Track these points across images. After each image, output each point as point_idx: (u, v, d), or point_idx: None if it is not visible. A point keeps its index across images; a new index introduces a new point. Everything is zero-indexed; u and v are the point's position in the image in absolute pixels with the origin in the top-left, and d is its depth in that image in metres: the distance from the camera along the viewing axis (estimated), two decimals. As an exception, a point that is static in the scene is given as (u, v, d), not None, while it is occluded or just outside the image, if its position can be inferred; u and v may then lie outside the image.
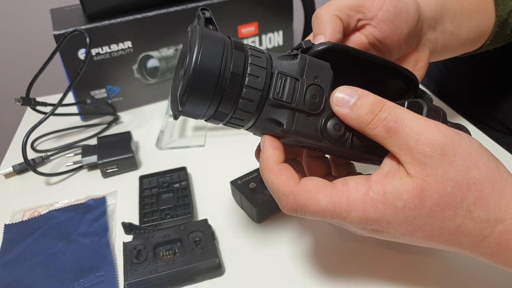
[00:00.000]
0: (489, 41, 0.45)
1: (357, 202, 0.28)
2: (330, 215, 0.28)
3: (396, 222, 0.28)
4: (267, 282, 0.38)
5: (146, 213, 0.45)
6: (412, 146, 0.27)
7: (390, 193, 0.27)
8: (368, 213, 0.28)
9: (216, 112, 0.28)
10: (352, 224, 0.29)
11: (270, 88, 0.28)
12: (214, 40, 0.27)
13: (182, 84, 0.26)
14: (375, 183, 0.28)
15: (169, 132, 0.60)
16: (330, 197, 0.28)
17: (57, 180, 0.53)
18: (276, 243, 0.42)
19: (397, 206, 0.27)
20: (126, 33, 0.60)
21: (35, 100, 0.55)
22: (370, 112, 0.28)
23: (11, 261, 0.41)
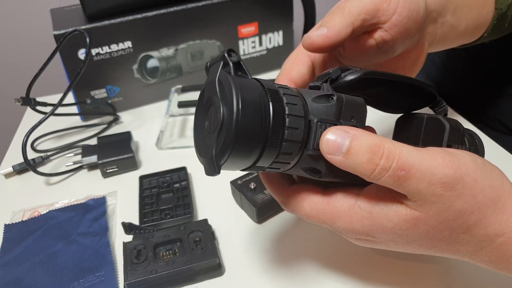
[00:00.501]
0: (486, 33, 0.44)
1: (342, 213, 0.28)
2: (316, 221, 0.29)
3: (387, 236, 0.28)
4: (267, 282, 0.38)
5: (146, 213, 0.45)
6: (424, 190, 0.25)
7: (377, 214, 0.27)
8: (355, 225, 0.28)
9: (253, 167, 0.26)
10: (341, 233, 0.29)
11: (309, 137, 0.26)
12: (251, 93, 0.24)
13: (219, 145, 0.24)
14: (363, 199, 0.27)
15: (169, 132, 0.60)
16: (314, 204, 0.29)
17: (57, 180, 0.53)
18: (276, 243, 0.42)
19: (385, 226, 0.27)
20: (126, 33, 0.60)
21: (35, 100, 0.55)
22: (369, 161, 0.25)
23: (11, 261, 0.41)
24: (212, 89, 0.25)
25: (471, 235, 0.27)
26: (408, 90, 0.33)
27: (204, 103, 0.27)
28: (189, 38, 0.65)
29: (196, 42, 0.66)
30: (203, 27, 0.65)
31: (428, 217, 0.26)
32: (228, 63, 0.25)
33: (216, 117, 0.25)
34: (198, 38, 0.66)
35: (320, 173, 0.27)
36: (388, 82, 0.31)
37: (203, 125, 0.27)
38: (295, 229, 0.43)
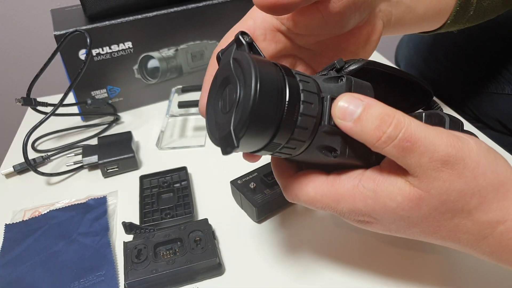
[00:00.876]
0: (449, 20, 0.43)
1: (346, 194, 0.28)
2: (320, 205, 0.29)
3: (389, 218, 0.27)
4: (267, 282, 0.38)
5: (146, 212, 0.45)
6: (425, 165, 0.25)
7: (381, 193, 0.27)
8: (358, 206, 0.28)
9: (269, 144, 0.26)
10: (343, 215, 0.29)
11: (323, 113, 0.26)
12: (267, 69, 0.25)
13: (237, 118, 0.24)
14: (367, 179, 0.27)
15: (169, 132, 0.61)
16: (318, 188, 0.28)
17: (57, 180, 0.53)
18: (276, 243, 0.42)
19: (388, 205, 0.27)
20: (126, 34, 0.61)
21: (36, 100, 0.55)
22: (377, 128, 0.25)
23: (12, 260, 0.41)
24: (228, 69, 0.26)
25: (472, 222, 0.27)
26: (406, 87, 0.33)
27: (218, 86, 0.27)
28: (190, 38, 0.65)
29: (196, 43, 0.66)
30: (204, 27, 0.65)
31: (430, 197, 0.26)
32: (242, 44, 0.26)
33: (232, 95, 0.25)
34: (199, 38, 0.66)
35: (335, 151, 0.27)
36: (388, 77, 0.31)
37: (217, 108, 0.27)
38: (295, 229, 0.43)
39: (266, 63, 0.25)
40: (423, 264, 0.38)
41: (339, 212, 0.29)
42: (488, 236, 0.27)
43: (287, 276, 0.38)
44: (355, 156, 0.28)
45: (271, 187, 0.44)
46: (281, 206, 0.45)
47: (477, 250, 0.28)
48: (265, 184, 0.45)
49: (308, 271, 0.39)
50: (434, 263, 0.38)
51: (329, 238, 0.42)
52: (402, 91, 0.33)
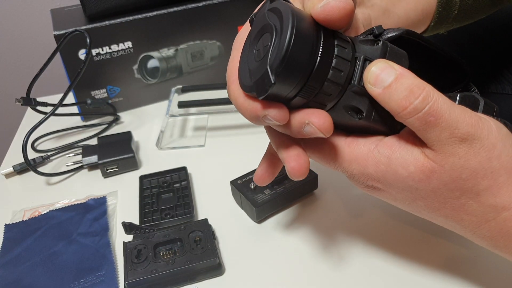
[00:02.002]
0: (433, 22, 0.42)
1: (360, 156, 0.28)
2: (333, 164, 0.29)
3: (397, 186, 0.28)
4: (267, 282, 0.38)
5: (146, 213, 0.45)
6: (444, 140, 0.26)
7: (395, 160, 0.27)
8: (369, 170, 0.28)
9: (305, 87, 0.26)
10: (353, 177, 0.29)
11: (354, 73, 0.26)
12: (303, 14, 0.25)
13: (274, 55, 0.24)
14: (384, 145, 0.28)
15: (169, 132, 0.61)
16: (334, 147, 0.29)
17: (57, 180, 0.53)
18: (276, 243, 0.42)
19: (399, 173, 0.27)
20: (126, 34, 0.61)
21: (35, 100, 0.55)
22: (405, 98, 0.25)
23: (12, 261, 0.41)
24: (262, 21, 0.27)
25: (479, 203, 0.27)
26: (444, 64, 0.32)
27: (251, 42, 0.28)
28: (189, 38, 0.65)
29: (196, 43, 0.66)
30: (203, 27, 0.65)
31: (443, 171, 0.26)
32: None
33: (266, 42, 0.25)
34: (198, 38, 0.66)
35: (361, 113, 0.27)
36: (426, 51, 0.30)
37: (250, 58, 0.27)
38: (295, 229, 0.43)
39: (300, 9, 0.26)
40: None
41: (349, 173, 0.29)
42: (491, 221, 0.27)
43: (287, 276, 0.38)
44: (379, 121, 0.28)
45: (271, 187, 0.44)
46: (281, 206, 0.45)
47: (476, 234, 0.28)
48: (265, 184, 0.45)
49: (308, 271, 0.39)
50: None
51: (329, 238, 0.42)
52: (439, 68, 0.33)
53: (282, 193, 0.44)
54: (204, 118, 0.63)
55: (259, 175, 0.34)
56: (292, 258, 0.40)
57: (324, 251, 0.40)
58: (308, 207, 0.45)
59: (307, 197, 0.47)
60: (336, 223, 0.43)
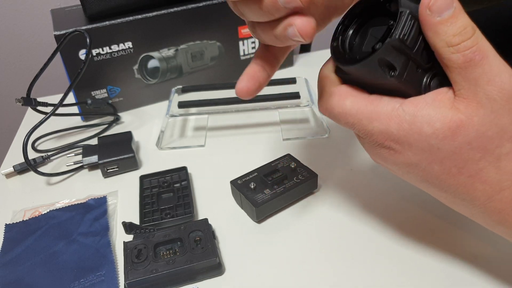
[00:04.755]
0: None
1: (383, 114, 0.27)
2: (352, 120, 0.29)
3: (417, 147, 0.27)
4: (267, 282, 0.38)
5: (146, 212, 0.45)
6: (481, 85, 0.25)
7: (421, 117, 0.26)
8: (391, 128, 0.27)
9: None
10: (371, 136, 0.28)
11: (396, 26, 0.26)
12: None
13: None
14: (409, 103, 0.27)
15: (169, 132, 0.61)
16: (356, 103, 0.28)
17: (57, 180, 0.53)
18: (276, 243, 0.42)
19: (423, 131, 0.26)
20: (126, 34, 0.61)
21: (36, 100, 0.55)
22: (459, 35, 0.25)
23: (12, 260, 0.41)
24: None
25: (497, 169, 0.26)
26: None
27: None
28: (190, 38, 0.65)
29: (196, 43, 0.66)
30: (204, 27, 0.65)
31: (471, 125, 0.25)
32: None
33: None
34: (199, 38, 0.66)
35: (394, 70, 0.27)
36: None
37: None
38: (295, 229, 0.43)
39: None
40: (421, 268, 0.38)
41: (368, 131, 0.28)
42: (505, 190, 0.27)
43: (287, 275, 0.38)
44: (409, 82, 0.27)
45: (271, 187, 0.44)
46: (281, 206, 0.45)
47: (484, 207, 0.28)
48: (265, 184, 0.45)
49: (308, 271, 0.39)
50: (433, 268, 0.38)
51: (330, 238, 0.42)
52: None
53: (282, 193, 0.44)
54: (204, 118, 0.63)
55: (240, 87, 0.31)
56: (292, 258, 0.40)
57: (324, 251, 0.40)
58: (308, 207, 0.45)
59: (307, 197, 0.47)
60: (336, 223, 0.43)
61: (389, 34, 0.26)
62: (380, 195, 0.46)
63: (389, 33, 0.26)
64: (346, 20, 0.30)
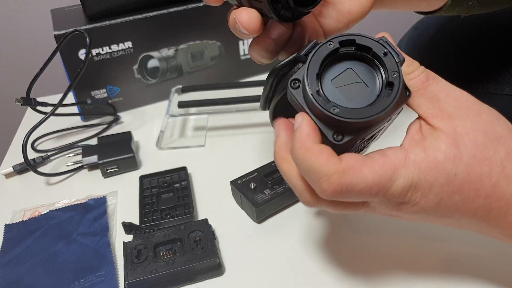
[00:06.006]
0: (450, 1, 0.41)
1: (400, 167, 0.27)
2: (376, 190, 0.26)
3: (437, 184, 0.27)
4: (267, 282, 0.38)
5: (146, 213, 0.45)
6: (442, 99, 0.28)
7: (429, 148, 0.27)
8: (412, 177, 0.26)
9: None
10: (392, 198, 0.27)
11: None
12: None
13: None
14: (411, 146, 0.27)
15: (169, 132, 0.61)
16: (374, 169, 0.26)
17: (57, 180, 0.53)
18: (276, 243, 0.42)
19: (438, 160, 0.26)
20: (126, 33, 0.61)
21: (35, 100, 0.55)
22: (410, 66, 0.28)
23: (12, 261, 0.41)
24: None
25: (506, 178, 0.27)
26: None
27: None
28: (190, 38, 0.65)
29: (196, 43, 0.66)
30: (204, 27, 0.65)
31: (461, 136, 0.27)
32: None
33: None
34: (199, 38, 0.66)
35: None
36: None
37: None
38: (295, 229, 0.43)
39: None
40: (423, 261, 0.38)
41: (390, 194, 0.27)
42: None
43: (287, 275, 0.38)
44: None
45: (271, 187, 0.44)
46: (281, 206, 0.45)
47: (502, 223, 0.28)
48: (265, 184, 0.45)
49: (308, 271, 0.39)
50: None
51: (330, 238, 0.42)
52: None
53: (282, 193, 0.44)
54: (204, 118, 0.63)
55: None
56: (292, 258, 0.40)
57: (324, 251, 0.40)
58: (308, 207, 0.45)
59: (307, 197, 0.47)
60: (336, 222, 0.43)
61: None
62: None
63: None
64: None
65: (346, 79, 0.27)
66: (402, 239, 0.41)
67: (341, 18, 0.35)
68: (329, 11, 0.35)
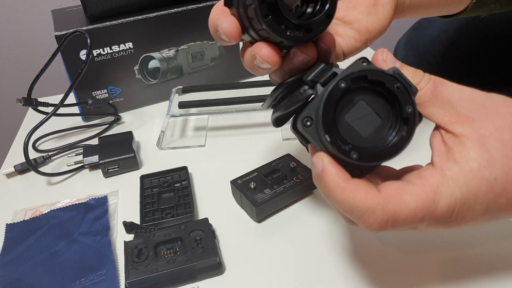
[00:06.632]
0: (472, 5, 0.40)
1: (440, 187, 0.26)
2: (421, 215, 0.26)
3: (481, 192, 0.26)
4: (267, 281, 0.38)
5: (147, 212, 0.45)
6: (456, 103, 0.27)
7: (461, 159, 0.26)
8: (454, 193, 0.26)
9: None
10: (438, 219, 0.26)
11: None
12: None
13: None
14: (443, 161, 0.27)
15: (170, 132, 0.61)
16: (415, 194, 0.26)
17: (58, 180, 0.53)
18: (276, 242, 0.42)
19: (474, 168, 0.26)
20: (127, 34, 0.61)
21: (36, 100, 0.56)
22: (416, 76, 0.28)
23: (13, 260, 0.41)
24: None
25: None
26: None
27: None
28: (190, 39, 0.65)
29: (196, 43, 0.66)
30: (204, 28, 0.65)
31: (486, 138, 0.26)
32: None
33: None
34: (199, 39, 0.66)
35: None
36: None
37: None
38: (295, 228, 0.43)
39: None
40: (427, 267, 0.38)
41: (438, 214, 0.26)
42: None
43: (287, 275, 0.38)
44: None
45: (271, 186, 0.44)
46: (281, 205, 0.45)
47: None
48: (265, 184, 0.45)
49: (308, 271, 0.39)
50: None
51: (330, 238, 0.42)
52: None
53: (282, 193, 0.44)
54: (205, 118, 0.63)
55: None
56: (292, 258, 0.40)
57: (324, 251, 0.40)
58: (308, 206, 0.46)
59: (307, 196, 0.47)
60: (336, 222, 0.43)
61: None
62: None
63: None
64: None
65: (359, 112, 0.27)
66: (401, 236, 0.41)
67: (359, 37, 0.33)
68: (346, 30, 0.33)
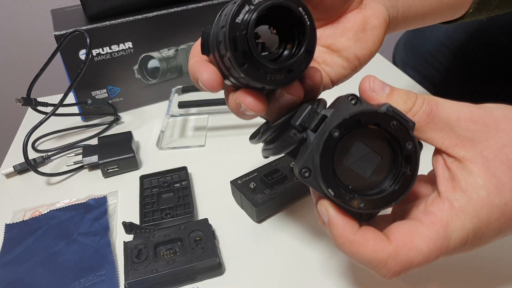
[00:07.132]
0: (472, 9, 0.39)
1: (450, 222, 0.25)
2: (435, 255, 0.25)
3: (493, 219, 0.25)
4: (267, 281, 0.38)
5: (146, 212, 0.45)
6: (454, 124, 0.26)
7: (468, 188, 0.25)
8: (466, 225, 0.25)
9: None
10: (454, 251, 0.26)
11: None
12: None
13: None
14: (449, 191, 0.26)
15: (169, 132, 0.61)
16: (426, 236, 0.25)
17: (58, 180, 0.53)
18: (276, 242, 0.42)
19: (482, 196, 0.25)
20: (126, 34, 0.61)
21: (36, 100, 0.55)
22: (408, 100, 0.26)
23: (12, 260, 0.41)
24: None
25: None
26: None
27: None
28: (190, 38, 0.65)
29: (196, 43, 0.66)
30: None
31: (492, 161, 0.25)
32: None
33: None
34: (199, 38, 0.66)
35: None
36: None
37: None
38: (295, 229, 0.43)
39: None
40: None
41: (451, 248, 0.26)
42: None
43: (287, 275, 0.38)
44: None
45: (271, 187, 0.44)
46: (281, 206, 0.45)
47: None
48: (265, 184, 0.45)
49: (308, 270, 0.39)
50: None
51: (330, 238, 0.42)
52: None
53: (282, 193, 0.44)
54: (204, 118, 0.63)
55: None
56: (292, 258, 0.40)
57: (324, 251, 0.40)
58: (308, 207, 0.46)
59: (307, 197, 0.47)
60: (336, 223, 0.43)
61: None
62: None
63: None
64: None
65: (357, 154, 0.25)
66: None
67: (347, 64, 0.32)
68: (334, 58, 0.32)
